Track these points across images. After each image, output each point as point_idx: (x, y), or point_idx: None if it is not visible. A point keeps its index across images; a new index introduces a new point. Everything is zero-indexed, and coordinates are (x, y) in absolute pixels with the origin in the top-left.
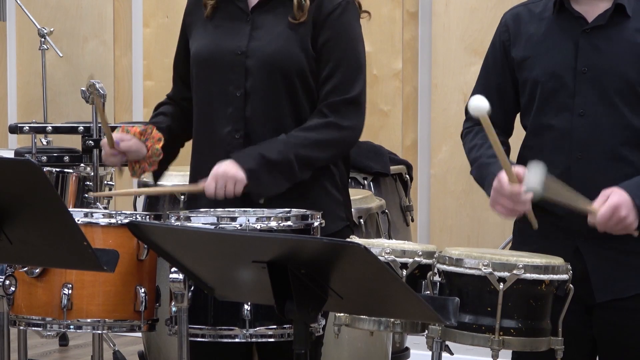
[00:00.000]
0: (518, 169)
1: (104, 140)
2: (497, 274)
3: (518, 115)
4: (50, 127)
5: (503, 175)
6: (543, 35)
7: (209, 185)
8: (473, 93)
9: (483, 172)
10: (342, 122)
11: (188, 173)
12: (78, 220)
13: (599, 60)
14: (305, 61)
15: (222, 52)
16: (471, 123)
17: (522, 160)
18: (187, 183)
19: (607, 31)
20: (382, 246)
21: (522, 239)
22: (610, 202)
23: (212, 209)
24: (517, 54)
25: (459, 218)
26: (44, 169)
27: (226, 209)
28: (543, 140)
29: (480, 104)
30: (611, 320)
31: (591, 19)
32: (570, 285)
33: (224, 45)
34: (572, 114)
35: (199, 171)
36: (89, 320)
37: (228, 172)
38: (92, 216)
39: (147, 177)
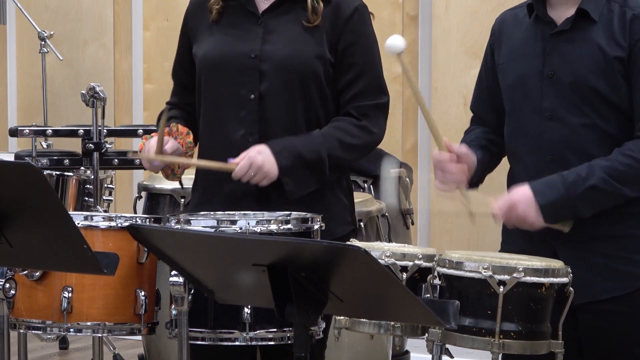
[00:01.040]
0: (456, 146)
1: (148, 148)
2: (497, 277)
3: None
4: (50, 131)
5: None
6: (519, 40)
7: (241, 168)
8: (473, 94)
9: None
10: (372, 127)
11: (188, 176)
12: (78, 224)
13: (563, 64)
14: (320, 65)
15: (233, 55)
16: (470, 124)
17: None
18: (191, 185)
19: (572, 35)
20: (382, 249)
21: (507, 239)
22: (508, 198)
23: (212, 212)
24: (498, 59)
25: (459, 221)
26: (44, 172)
27: (226, 212)
28: (517, 146)
29: (394, 44)
30: (591, 322)
31: (560, 23)
32: (571, 288)
33: (235, 48)
34: (541, 118)
35: (207, 174)
36: (89, 323)
37: (263, 166)
38: (92, 219)
39: (153, 182)
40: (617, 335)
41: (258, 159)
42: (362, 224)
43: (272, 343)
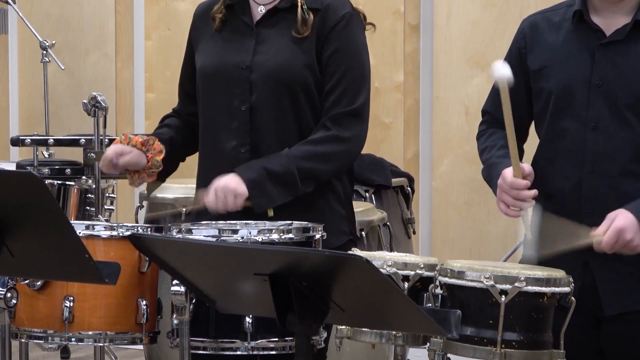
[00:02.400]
0: (524, 165)
1: (105, 155)
2: (499, 286)
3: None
4: (52, 140)
5: (507, 171)
6: (560, 45)
7: (210, 198)
8: (487, 98)
9: (491, 172)
10: (343, 133)
11: (189, 185)
12: (80, 233)
13: (614, 74)
14: (310, 75)
15: (227, 66)
16: (486, 125)
17: (535, 170)
18: (189, 196)
19: (625, 46)
20: (383, 259)
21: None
22: (615, 225)
23: (213, 222)
24: (534, 63)
25: (460, 230)
26: (46, 182)
27: (228, 222)
28: (555, 152)
29: (503, 72)
30: (620, 333)
31: (609, 32)
32: (572, 298)
33: (229, 59)
34: (585, 127)
35: (204, 185)
36: (90, 332)
37: (228, 185)
38: (94, 228)
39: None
40: None
41: (221, 181)
42: (363, 233)
43: (273, 352)
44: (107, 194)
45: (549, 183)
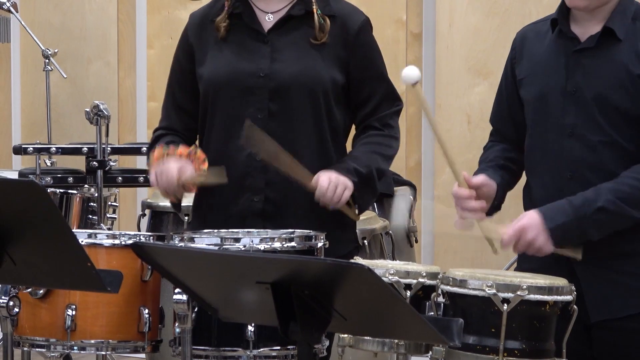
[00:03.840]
0: (478, 177)
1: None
2: (501, 294)
3: None
4: (54, 148)
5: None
6: (541, 55)
7: (323, 182)
8: (492, 108)
9: None
10: (396, 134)
11: (191, 194)
12: (82, 241)
13: (586, 81)
14: (330, 81)
15: (241, 74)
16: (491, 138)
17: (527, 178)
18: (190, 204)
19: (596, 53)
20: (385, 267)
21: (525, 256)
22: (516, 225)
23: (215, 230)
24: (519, 73)
25: (462, 239)
26: (48, 190)
27: (230, 230)
28: (536, 160)
29: (410, 74)
30: (609, 340)
31: (584, 39)
32: (574, 306)
33: (243, 67)
34: (562, 134)
35: (210, 193)
36: (92, 341)
37: (343, 180)
38: (96, 237)
39: (157, 199)
40: (636, 352)
41: (333, 175)
42: (366, 241)
43: None
44: (109, 203)
45: (533, 192)
